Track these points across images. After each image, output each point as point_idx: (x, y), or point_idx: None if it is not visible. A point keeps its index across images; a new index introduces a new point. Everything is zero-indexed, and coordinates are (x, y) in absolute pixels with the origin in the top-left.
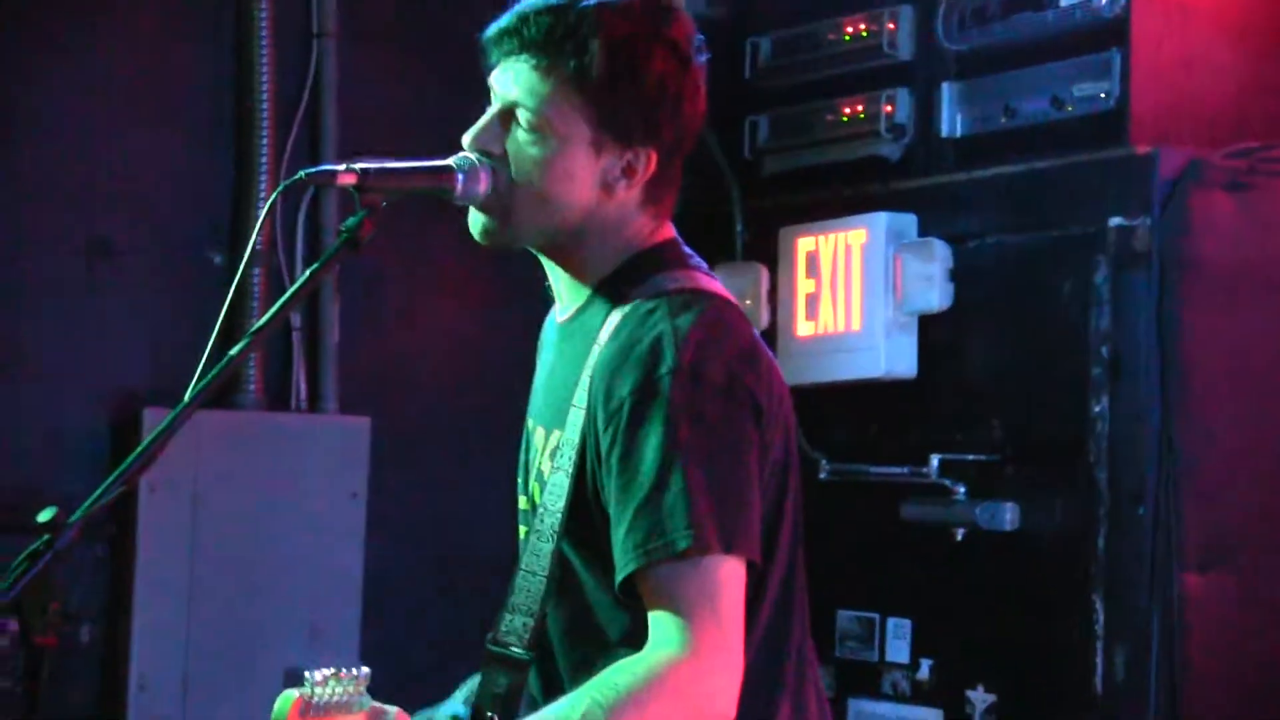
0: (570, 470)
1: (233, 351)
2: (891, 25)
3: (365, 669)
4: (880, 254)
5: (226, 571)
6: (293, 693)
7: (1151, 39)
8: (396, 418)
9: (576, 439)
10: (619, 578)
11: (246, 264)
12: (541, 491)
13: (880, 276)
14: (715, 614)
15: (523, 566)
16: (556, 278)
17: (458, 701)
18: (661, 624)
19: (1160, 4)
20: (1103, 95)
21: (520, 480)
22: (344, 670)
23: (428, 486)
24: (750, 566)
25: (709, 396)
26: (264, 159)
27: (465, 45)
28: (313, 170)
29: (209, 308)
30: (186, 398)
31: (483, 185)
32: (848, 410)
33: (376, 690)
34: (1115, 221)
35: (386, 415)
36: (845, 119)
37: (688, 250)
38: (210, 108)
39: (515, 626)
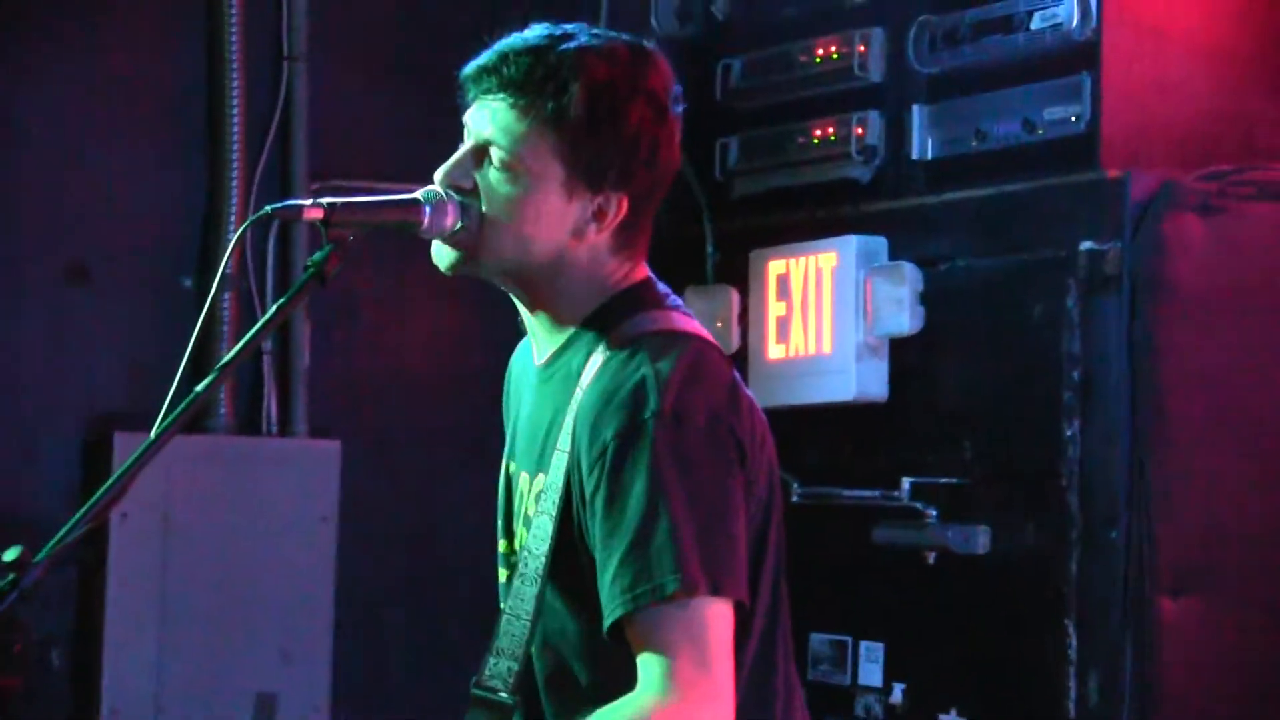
0: (554, 514)
1: (199, 387)
2: (862, 48)
3: None
4: (851, 277)
5: (198, 595)
6: None
7: (1122, 62)
8: (367, 440)
9: (560, 483)
10: (607, 622)
11: (216, 290)
12: (526, 534)
13: (851, 300)
14: (703, 657)
15: (507, 610)
16: (531, 318)
17: None
18: (648, 668)
19: (1131, 27)
20: (1073, 118)
21: (500, 524)
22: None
23: (399, 509)
24: (737, 606)
25: (693, 439)
26: (234, 182)
27: (436, 68)
28: (279, 205)
29: (181, 331)
30: (153, 434)
31: (450, 220)
32: (819, 433)
33: (350, 714)
34: (1086, 245)
35: (357, 438)
36: (816, 141)
37: (664, 289)
38: (181, 130)
39: (500, 670)
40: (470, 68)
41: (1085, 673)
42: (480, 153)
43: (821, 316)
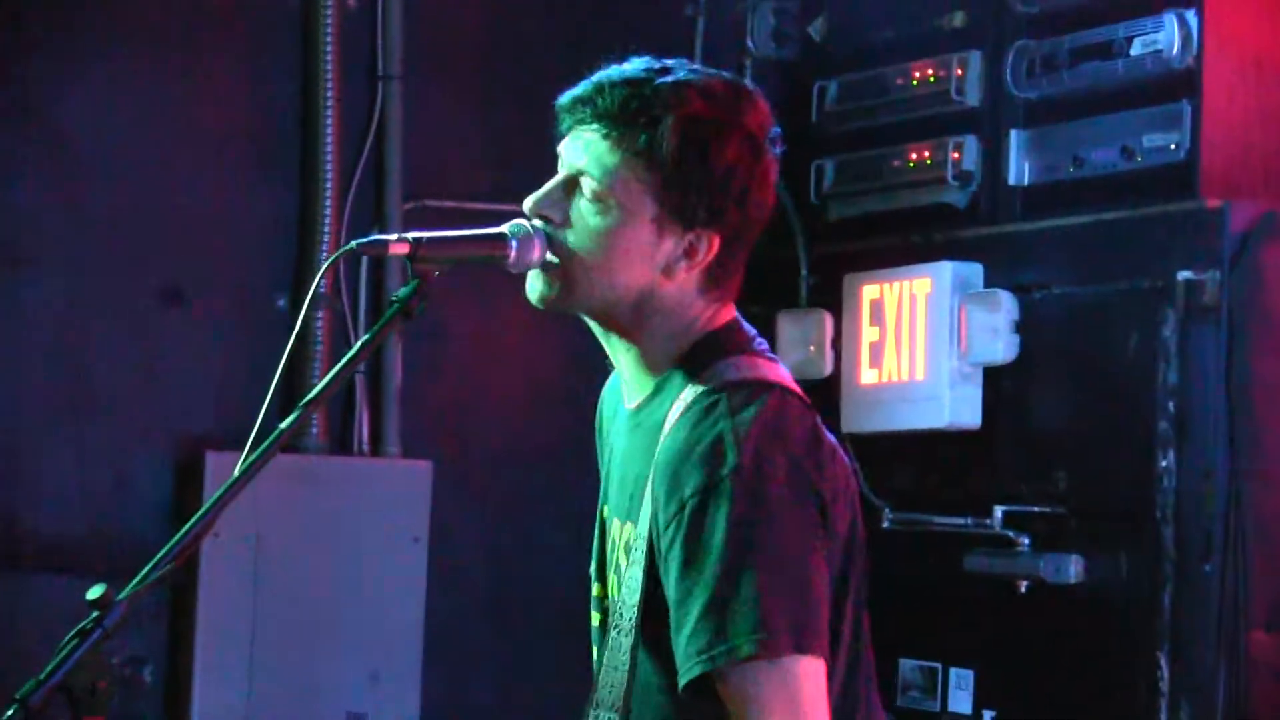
0: (643, 564)
1: (286, 422)
2: (960, 71)
3: None
4: (945, 304)
5: (288, 615)
6: None
7: (1223, 90)
8: (459, 461)
9: (646, 534)
10: (681, 680)
11: (306, 312)
12: (619, 586)
13: (945, 326)
14: (796, 715)
15: (605, 662)
16: (621, 360)
17: None
18: None
19: (1232, 55)
20: (1173, 146)
21: (595, 568)
22: None
23: (490, 531)
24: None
25: (772, 494)
26: (328, 201)
27: (529, 89)
28: (365, 240)
29: (274, 351)
30: (239, 469)
31: (536, 253)
32: (911, 459)
33: None
34: (1184, 275)
35: (449, 459)
36: (912, 165)
37: (750, 331)
38: (275, 150)
39: None
40: (566, 98)
41: (1177, 706)
42: (572, 184)
43: (915, 342)
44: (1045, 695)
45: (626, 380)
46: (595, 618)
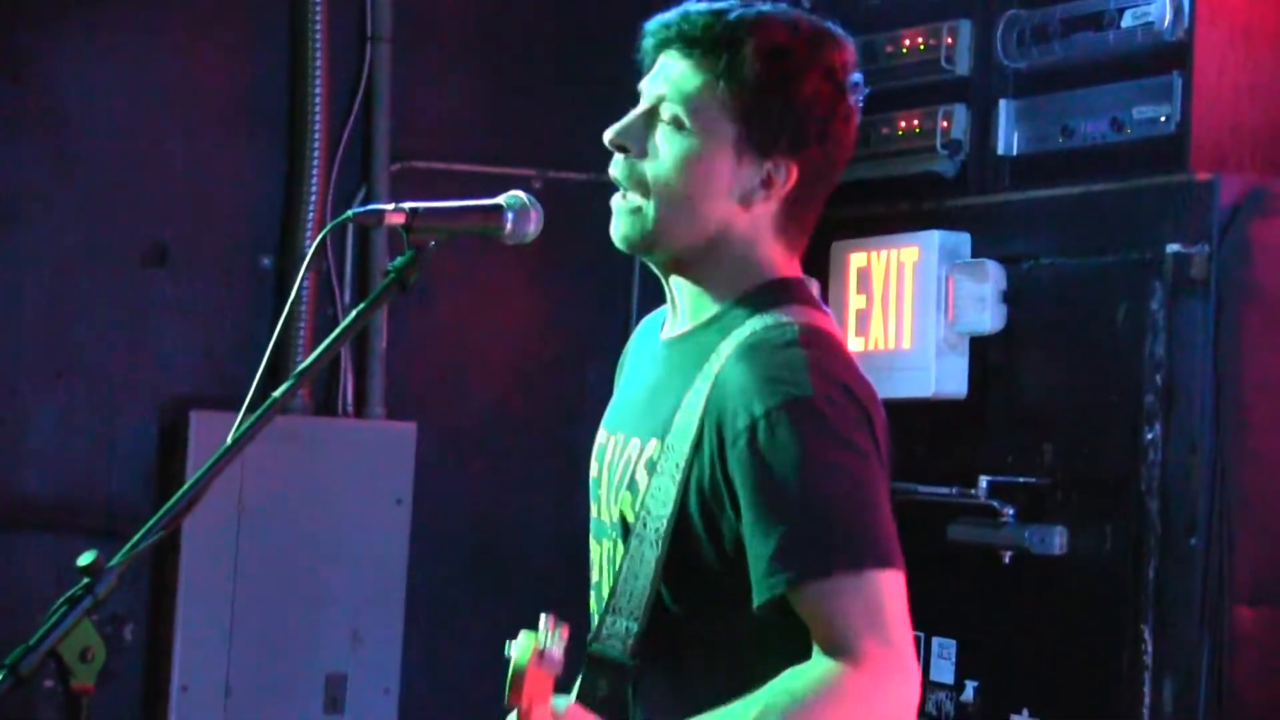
0: (677, 477)
1: (277, 392)
2: (950, 40)
3: (566, 625)
4: (933, 273)
5: (270, 575)
6: (530, 641)
7: (1214, 63)
8: (443, 423)
9: (685, 447)
10: (764, 597)
11: (295, 273)
12: (637, 499)
13: (932, 296)
14: (884, 628)
15: (625, 569)
16: (681, 293)
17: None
18: (829, 639)
19: (1223, 27)
20: (1163, 119)
21: (595, 493)
22: (560, 626)
23: (473, 492)
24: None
25: (843, 419)
26: (315, 162)
27: (518, 51)
28: (361, 210)
29: (259, 311)
30: (230, 439)
31: (533, 225)
32: (896, 429)
33: (419, 698)
34: (1173, 248)
35: (433, 421)
36: (900, 133)
37: (811, 291)
38: (262, 111)
39: (618, 630)
40: (651, 23)
41: (1160, 679)
42: (652, 114)
43: (902, 311)
44: (1028, 666)
45: (678, 310)
46: (599, 544)
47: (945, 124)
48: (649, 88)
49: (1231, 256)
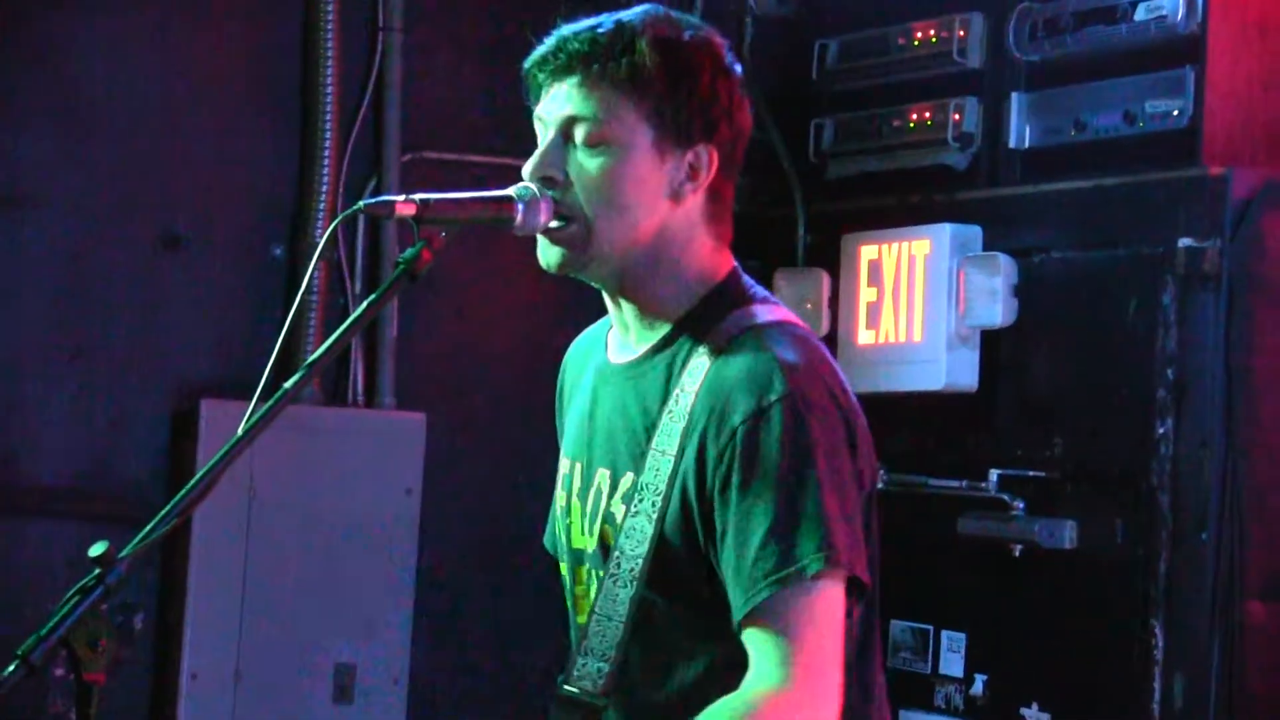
0: (653, 515)
1: (289, 383)
2: (962, 33)
3: None
4: (944, 266)
5: (280, 565)
6: None
7: (1227, 57)
8: (453, 413)
9: (661, 485)
10: (745, 608)
11: (306, 261)
12: (615, 535)
13: (943, 288)
14: (822, 642)
15: (597, 610)
16: (626, 315)
17: None
18: (769, 651)
19: (1236, 21)
20: (1175, 113)
21: (564, 520)
22: None
23: (483, 482)
24: (860, 588)
25: (819, 422)
26: (326, 152)
27: (529, 42)
28: (372, 201)
29: (270, 299)
30: (241, 430)
31: (544, 216)
32: (907, 421)
33: (427, 688)
34: (1185, 242)
35: (443, 411)
36: (912, 126)
37: (749, 280)
38: (274, 99)
39: (590, 671)
40: (533, 57)
41: (1171, 674)
42: (565, 137)
43: (913, 304)
44: (1037, 660)
45: (626, 332)
46: (571, 570)
47: (957, 117)
48: (550, 112)
49: (1243, 251)
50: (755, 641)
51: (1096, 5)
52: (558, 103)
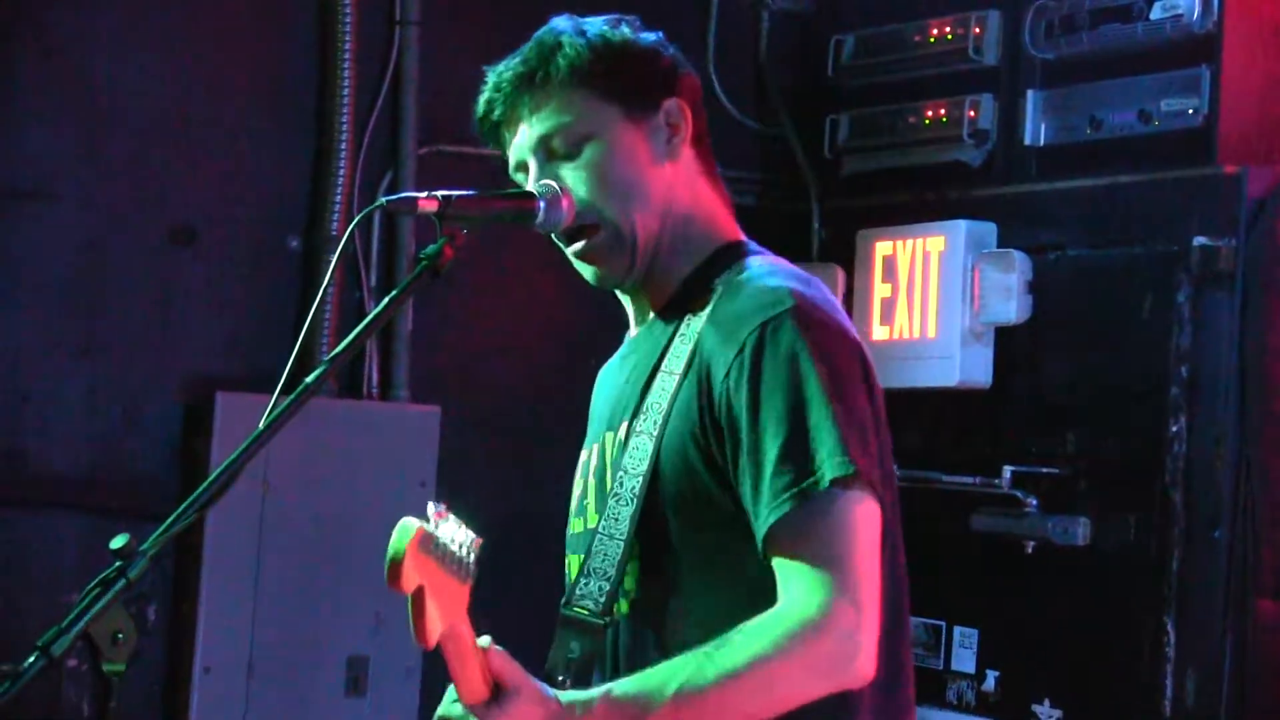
0: (654, 433)
1: (309, 379)
2: (978, 30)
3: (479, 538)
4: (959, 263)
5: (293, 557)
6: (413, 523)
7: (1243, 56)
8: (468, 407)
9: (664, 403)
10: (766, 525)
11: (322, 255)
12: (619, 461)
13: (958, 285)
14: (851, 564)
15: (600, 531)
16: (640, 296)
17: None
18: (795, 577)
19: (1253, 22)
20: (1191, 111)
21: (583, 502)
22: (459, 521)
23: (497, 475)
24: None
25: (827, 335)
26: (343, 145)
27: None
28: (394, 198)
29: (285, 293)
30: (262, 424)
31: (565, 211)
32: (921, 417)
33: (441, 679)
34: (1200, 240)
35: (458, 404)
36: (927, 122)
37: (761, 247)
38: (291, 92)
39: (591, 590)
40: (480, 111)
41: (1183, 671)
42: (547, 157)
43: (928, 300)
44: (1049, 657)
45: (643, 308)
46: (575, 560)
47: (972, 114)
48: (522, 149)
49: (1258, 249)
50: (783, 565)
51: (1113, 4)
52: (524, 136)
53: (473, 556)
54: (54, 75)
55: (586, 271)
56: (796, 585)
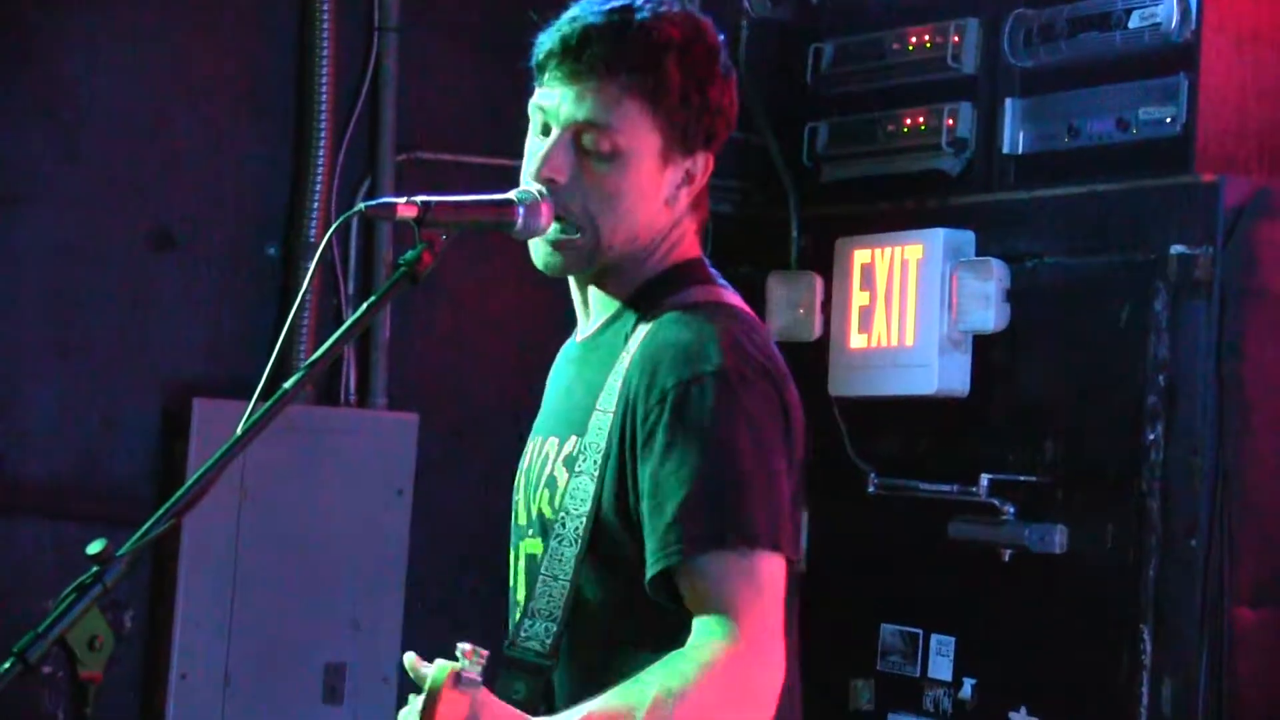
0: (595, 475)
1: (287, 384)
2: (956, 38)
3: (486, 652)
4: (937, 270)
5: (270, 564)
6: (447, 665)
7: (1220, 65)
8: (445, 414)
9: (601, 443)
10: (656, 568)
11: (300, 261)
12: (556, 497)
13: (936, 293)
14: (763, 608)
15: (543, 571)
16: (590, 296)
17: None
18: (712, 614)
19: (1230, 31)
20: (1169, 120)
21: (517, 496)
22: (479, 651)
23: (475, 484)
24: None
25: (753, 397)
26: (321, 151)
27: (527, 43)
28: (373, 203)
29: (263, 299)
30: (239, 430)
31: (544, 220)
32: (898, 425)
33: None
34: (1177, 249)
35: (435, 412)
36: (906, 130)
37: (714, 270)
38: (269, 98)
39: (536, 632)
40: (551, 47)
41: (1159, 680)
42: (574, 139)
43: (905, 308)
44: (1026, 665)
45: (589, 311)
46: (523, 544)
47: (951, 122)
48: (561, 111)
49: (1235, 258)
50: (698, 603)
51: (1091, 12)
52: (569, 104)
53: (480, 673)
54: (31, 80)
55: (547, 255)
56: (701, 629)
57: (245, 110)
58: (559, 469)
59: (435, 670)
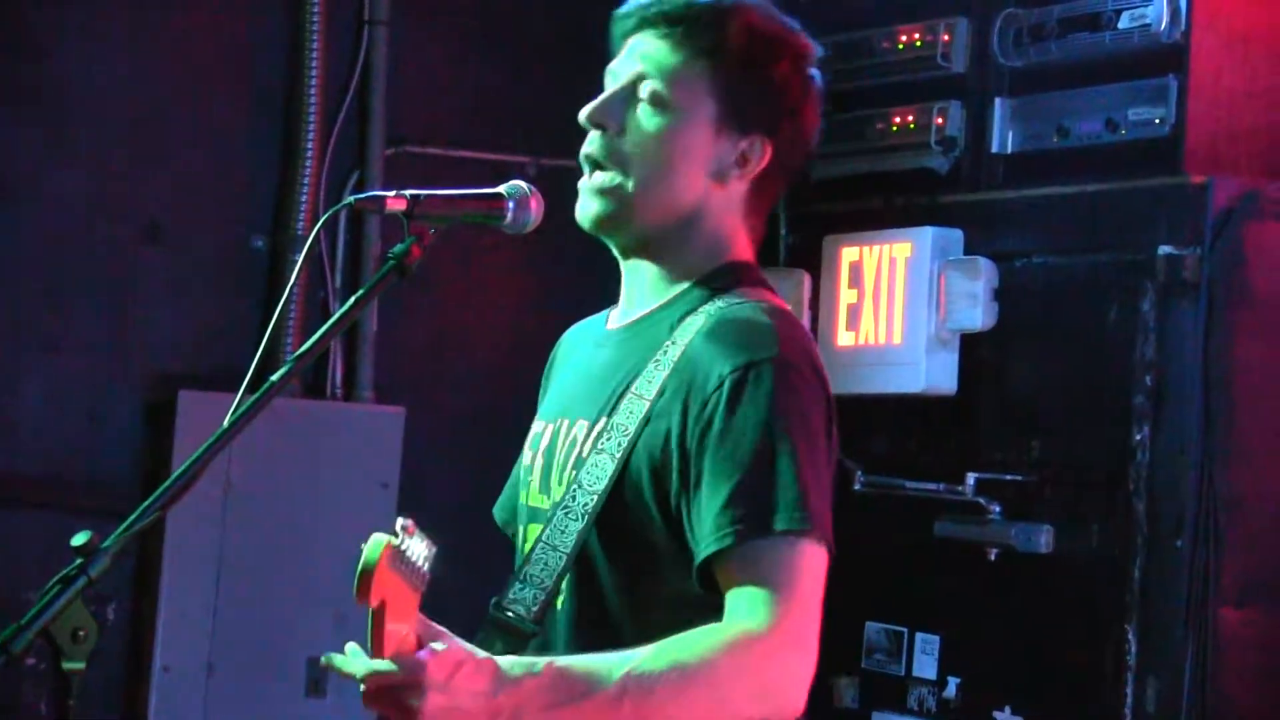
0: (617, 455)
1: (274, 377)
2: (946, 37)
3: (434, 546)
4: (925, 269)
5: (254, 556)
6: (383, 538)
7: (1210, 66)
8: (432, 408)
9: (631, 426)
10: (709, 550)
11: (288, 254)
12: (575, 476)
13: (924, 292)
14: (802, 599)
15: (544, 540)
16: (639, 277)
17: None
18: (750, 599)
19: (1220, 32)
20: (1158, 121)
21: (531, 480)
22: (423, 534)
23: (461, 477)
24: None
25: (807, 389)
26: (310, 144)
27: (516, 37)
28: (362, 196)
29: (250, 292)
30: (226, 422)
31: (533, 214)
32: (885, 423)
33: None
34: (1165, 250)
35: (422, 405)
36: (895, 129)
37: (764, 276)
38: (258, 91)
39: (524, 597)
40: (627, 7)
41: (1144, 680)
42: (630, 91)
43: (893, 306)
44: (1011, 664)
45: (634, 296)
46: (534, 530)
47: (940, 121)
48: (623, 67)
49: (1223, 260)
50: (736, 587)
51: (1081, 12)
52: (633, 56)
53: (428, 566)
54: (18, 72)
55: (585, 204)
56: (745, 607)
57: (234, 103)
58: (588, 450)
59: (369, 547)
